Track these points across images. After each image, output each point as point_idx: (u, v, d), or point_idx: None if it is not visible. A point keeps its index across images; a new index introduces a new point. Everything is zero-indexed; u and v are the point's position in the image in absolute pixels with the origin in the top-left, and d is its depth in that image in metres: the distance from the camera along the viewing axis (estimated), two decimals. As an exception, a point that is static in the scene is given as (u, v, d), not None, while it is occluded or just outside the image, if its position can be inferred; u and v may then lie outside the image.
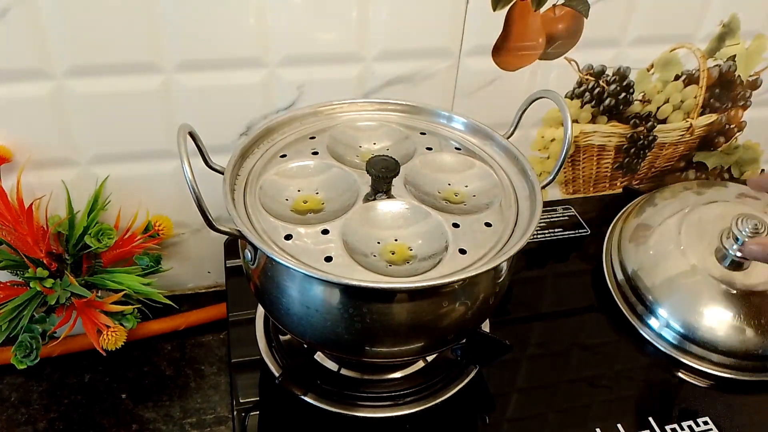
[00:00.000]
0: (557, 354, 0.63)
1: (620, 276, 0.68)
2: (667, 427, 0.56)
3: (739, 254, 0.61)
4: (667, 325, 0.62)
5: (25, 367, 0.60)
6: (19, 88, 0.56)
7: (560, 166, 0.51)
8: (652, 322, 0.63)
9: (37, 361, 0.60)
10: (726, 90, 0.80)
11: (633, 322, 0.64)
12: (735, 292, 0.61)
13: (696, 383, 0.60)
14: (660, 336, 0.62)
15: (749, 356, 0.60)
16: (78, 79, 0.57)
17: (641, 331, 0.63)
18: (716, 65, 0.77)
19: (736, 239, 0.60)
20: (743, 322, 0.60)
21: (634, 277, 0.66)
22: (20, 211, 0.59)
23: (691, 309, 0.61)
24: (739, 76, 0.79)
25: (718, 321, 0.60)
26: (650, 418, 0.57)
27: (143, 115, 0.61)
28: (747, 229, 0.59)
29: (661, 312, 0.63)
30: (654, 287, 0.64)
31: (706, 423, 0.57)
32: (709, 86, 0.79)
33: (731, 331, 0.60)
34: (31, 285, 0.59)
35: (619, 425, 0.56)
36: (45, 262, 0.60)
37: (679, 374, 0.61)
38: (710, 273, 0.62)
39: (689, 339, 0.61)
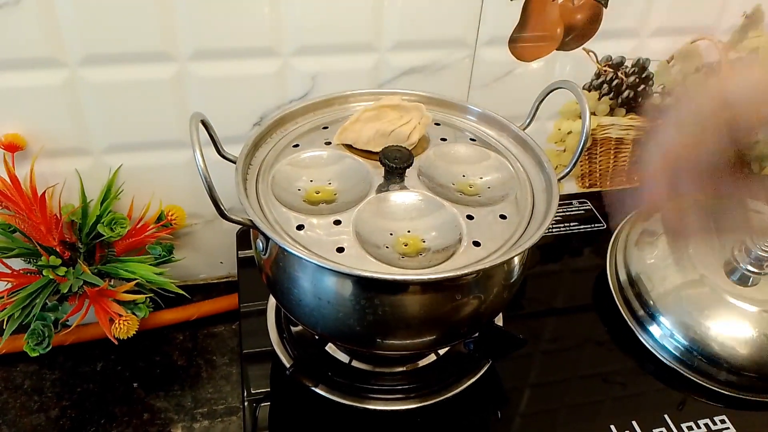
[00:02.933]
0: (571, 349, 0.62)
1: (623, 278, 0.67)
2: (683, 425, 0.55)
3: (750, 268, 0.60)
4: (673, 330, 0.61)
5: (38, 354, 0.60)
6: (33, 77, 0.56)
7: (578, 158, 0.50)
8: (662, 320, 0.62)
9: (49, 349, 0.61)
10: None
11: (640, 317, 0.63)
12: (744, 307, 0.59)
13: (710, 386, 0.59)
14: (671, 336, 0.62)
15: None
16: (91, 68, 0.57)
17: (649, 327, 0.63)
18: (738, 58, 0.76)
19: (749, 252, 0.59)
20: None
21: (638, 280, 0.65)
22: (33, 200, 0.60)
23: (696, 318, 0.60)
24: (761, 69, 0.77)
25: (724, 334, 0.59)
26: (665, 416, 0.56)
27: (156, 105, 0.61)
28: (761, 243, 0.58)
29: (664, 321, 0.61)
30: (658, 294, 0.63)
31: (723, 421, 0.56)
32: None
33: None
34: (44, 273, 0.59)
35: (633, 422, 0.55)
36: (58, 250, 0.60)
37: (692, 374, 0.59)
38: (719, 285, 0.60)
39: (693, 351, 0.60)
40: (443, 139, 0.54)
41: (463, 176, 0.51)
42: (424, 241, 0.45)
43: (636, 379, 0.60)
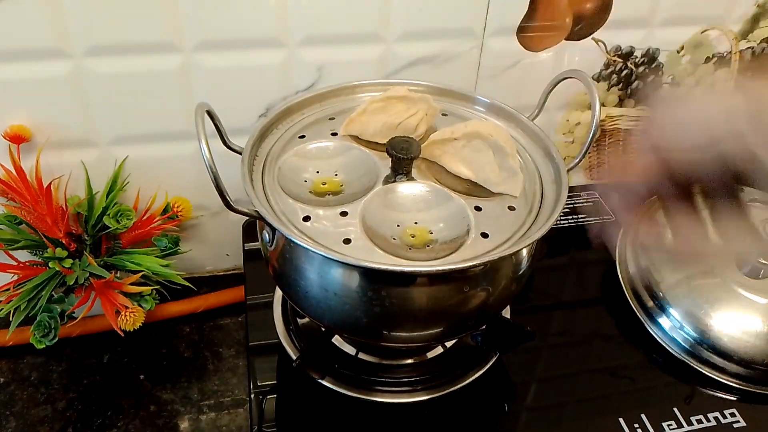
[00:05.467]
0: (578, 343, 0.62)
1: (633, 269, 0.66)
2: (693, 418, 0.55)
3: (762, 260, 0.59)
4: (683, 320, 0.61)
5: (44, 346, 0.60)
6: (38, 68, 0.56)
7: (588, 148, 0.49)
8: (673, 312, 0.61)
9: (55, 341, 0.61)
10: (759, 73, 0.78)
11: (650, 309, 0.63)
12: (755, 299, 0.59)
13: (720, 378, 0.58)
14: (680, 328, 0.61)
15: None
16: (97, 59, 0.57)
17: (659, 319, 0.62)
18: (749, 47, 0.75)
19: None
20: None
21: (648, 271, 0.64)
22: (39, 191, 0.59)
23: (707, 310, 0.59)
24: (773, 58, 0.76)
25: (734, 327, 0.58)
26: (675, 409, 0.55)
27: (162, 96, 0.61)
28: None
29: (674, 312, 0.61)
30: (669, 285, 0.62)
31: (733, 415, 0.55)
32: (741, 69, 0.76)
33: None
34: (50, 265, 0.59)
35: (643, 416, 0.54)
36: (64, 242, 0.60)
37: (702, 366, 0.59)
38: (730, 277, 0.60)
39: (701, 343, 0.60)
40: (451, 130, 0.53)
41: (471, 167, 0.51)
42: (431, 233, 0.45)
43: (645, 372, 0.59)
